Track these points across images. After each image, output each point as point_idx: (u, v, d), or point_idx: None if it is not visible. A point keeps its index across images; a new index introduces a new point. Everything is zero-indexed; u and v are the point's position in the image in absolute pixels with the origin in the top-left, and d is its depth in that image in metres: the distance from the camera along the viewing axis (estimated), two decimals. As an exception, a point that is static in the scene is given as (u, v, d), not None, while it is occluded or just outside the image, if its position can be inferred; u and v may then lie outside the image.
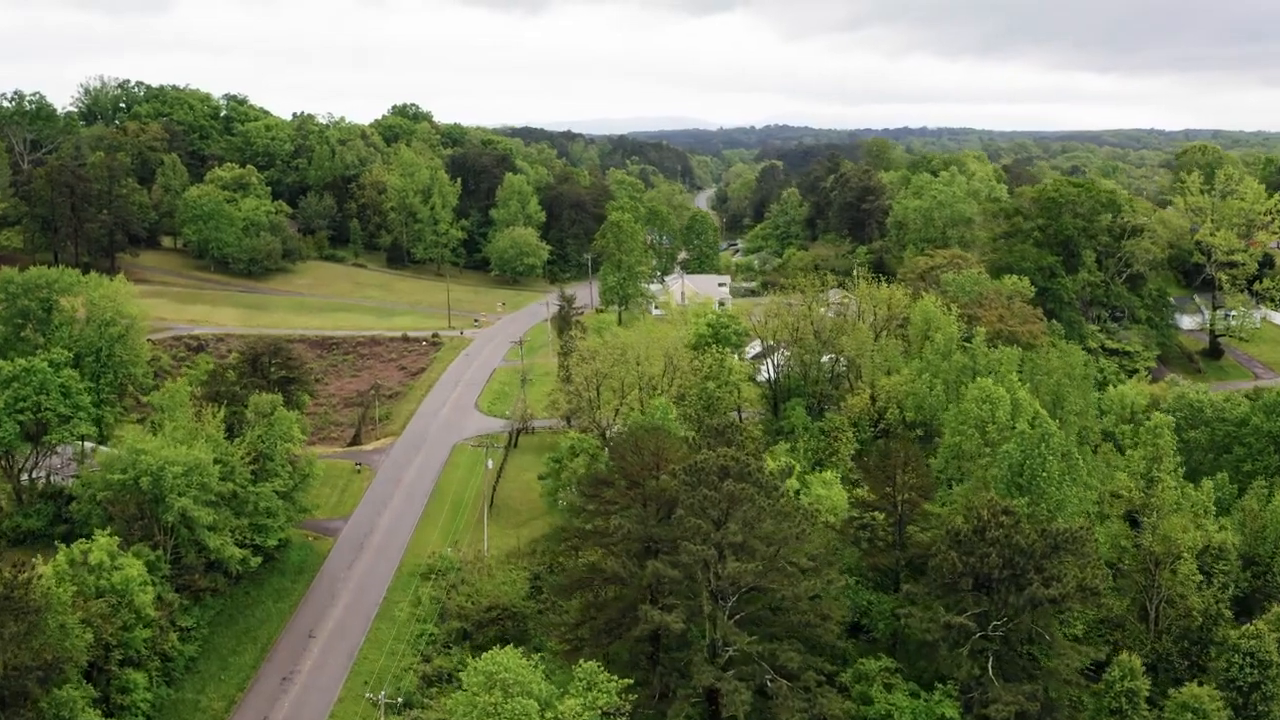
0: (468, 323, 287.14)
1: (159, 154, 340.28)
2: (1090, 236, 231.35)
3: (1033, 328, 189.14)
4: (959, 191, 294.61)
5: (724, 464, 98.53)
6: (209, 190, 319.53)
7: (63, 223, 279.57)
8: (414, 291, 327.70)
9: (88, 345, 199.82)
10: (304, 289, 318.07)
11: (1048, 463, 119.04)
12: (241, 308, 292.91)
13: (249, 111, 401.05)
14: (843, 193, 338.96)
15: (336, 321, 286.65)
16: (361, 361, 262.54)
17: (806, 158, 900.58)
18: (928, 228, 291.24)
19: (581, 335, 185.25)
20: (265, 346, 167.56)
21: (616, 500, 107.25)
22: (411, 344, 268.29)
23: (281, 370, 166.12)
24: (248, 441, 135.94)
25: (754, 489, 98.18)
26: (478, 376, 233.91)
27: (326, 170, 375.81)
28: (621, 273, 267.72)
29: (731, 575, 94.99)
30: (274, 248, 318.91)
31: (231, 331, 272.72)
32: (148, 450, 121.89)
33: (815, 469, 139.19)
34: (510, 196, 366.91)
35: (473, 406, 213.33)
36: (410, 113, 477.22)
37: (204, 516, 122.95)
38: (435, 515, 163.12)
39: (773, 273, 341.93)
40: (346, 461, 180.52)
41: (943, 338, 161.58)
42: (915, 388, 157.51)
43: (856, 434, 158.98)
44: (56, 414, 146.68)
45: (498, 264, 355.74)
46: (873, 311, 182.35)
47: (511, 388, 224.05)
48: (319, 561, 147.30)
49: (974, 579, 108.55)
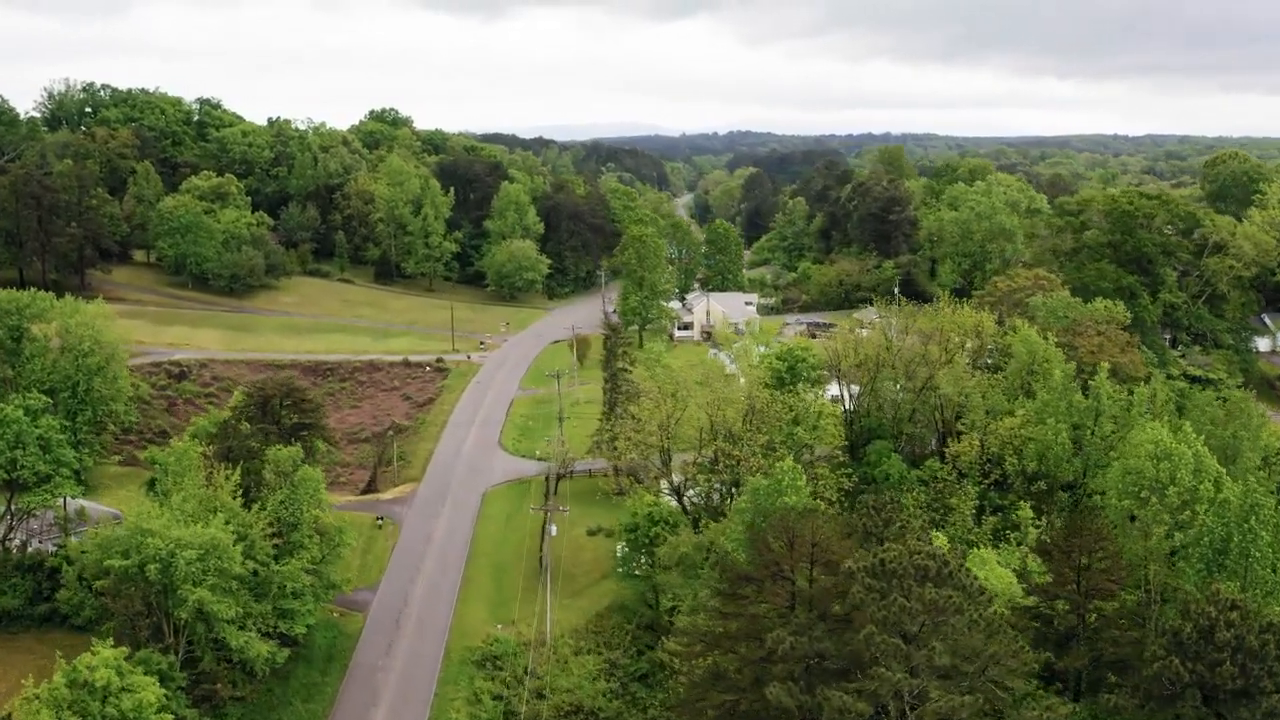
0: (472, 345, 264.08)
1: (130, 162, 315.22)
2: (1168, 254, 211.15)
3: (1133, 357, 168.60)
4: (997, 202, 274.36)
5: (921, 564, 76.52)
6: (185, 201, 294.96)
7: (29, 237, 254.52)
8: (409, 310, 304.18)
9: (63, 379, 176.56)
10: (290, 307, 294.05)
11: (1259, 539, 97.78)
12: (224, 329, 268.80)
13: (224, 116, 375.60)
14: (864, 203, 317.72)
15: (329, 344, 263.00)
16: (361, 390, 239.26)
17: (783, 164, 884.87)
18: (965, 241, 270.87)
19: (629, 367, 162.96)
20: (275, 387, 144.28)
21: (761, 598, 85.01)
22: (414, 370, 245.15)
23: (294, 414, 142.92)
24: (269, 509, 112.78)
25: (960, 596, 76.33)
26: (495, 409, 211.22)
27: (309, 179, 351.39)
28: (644, 292, 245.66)
29: (941, 713, 72.86)
30: (256, 263, 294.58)
31: (215, 356, 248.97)
32: (155, 530, 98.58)
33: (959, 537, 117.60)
34: (507, 207, 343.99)
35: (496, 445, 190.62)
36: (389, 118, 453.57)
37: (225, 609, 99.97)
38: (477, 582, 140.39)
39: (790, 288, 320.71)
40: (365, 514, 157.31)
41: (1061, 375, 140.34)
42: (1037, 434, 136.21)
43: (958, 485, 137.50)
44: (34, 472, 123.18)
45: (494, 279, 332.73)
46: (959, 341, 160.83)
47: (536, 421, 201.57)
48: (350, 645, 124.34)
49: (1201, 691, 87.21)
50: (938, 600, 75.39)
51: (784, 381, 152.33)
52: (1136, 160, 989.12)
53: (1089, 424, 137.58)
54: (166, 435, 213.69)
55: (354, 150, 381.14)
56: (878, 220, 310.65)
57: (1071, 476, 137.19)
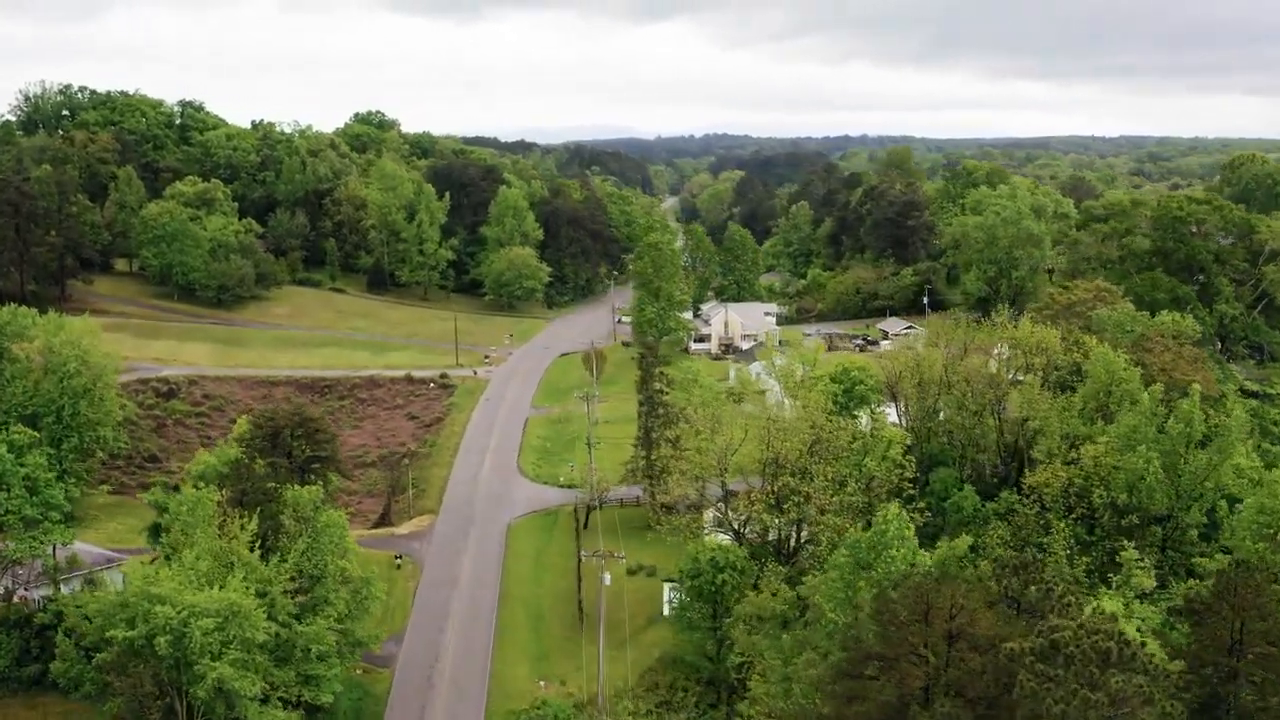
0: (477, 359, 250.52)
1: (110, 167, 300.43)
2: (1221, 261, 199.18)
3: (1205, 375, 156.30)
4: (1023, 207, 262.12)
5: (1100, 645, 63.83)
6: (170, 207, 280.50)
7: (6, 246, 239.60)
8: (406, 321, 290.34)
9: (46, 403, 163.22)
10: (282, 319, 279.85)
11: None
12: (213, 343, 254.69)
13: (207, 119, 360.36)
14: (879, 208, 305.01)
15: (325, 359, 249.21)
16: (362, 408, 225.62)
17: (767, 166, 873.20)
18: (990, 248, 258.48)
19: (666, 389, 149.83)
20: (286, 417, 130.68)
21: (890, 680, 72.12)
22: (418, 387, 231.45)
23: (307, 445, 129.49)
24: (290, 561, 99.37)
25: (1148, 683, 63.73)
26: (509, 430, 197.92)
27: (297, 184, 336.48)
28: (660, 302, 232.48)
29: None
30: (246, 273, 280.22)
31: (205, 372, 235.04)
32: (164, 595, 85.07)
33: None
34: (505, 212, 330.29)
35: (515, 470, 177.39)
36: (375, 120, 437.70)
37: (249, 685, 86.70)
38: (512, 631, 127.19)
39: (802, 296, 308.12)
40: (382, 552, 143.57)
41: (1150, 399, 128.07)
42: (1126, 462, 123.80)
43: (1042, 520, 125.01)
44: (20, 517, 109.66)
45: (493, 288, 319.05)
46: (1026, 359, 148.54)
47: (555, 443, 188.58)
48: (378, 709, 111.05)
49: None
50: (1124, 690, 62.70)
51: (842, 406, 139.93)
52: (1122, 161, 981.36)
53: (1181, 451, 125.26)
54: (157, 460, 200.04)
55: (343, 154, 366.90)
56: (894, 225, 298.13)
57: (1165, 509, 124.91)
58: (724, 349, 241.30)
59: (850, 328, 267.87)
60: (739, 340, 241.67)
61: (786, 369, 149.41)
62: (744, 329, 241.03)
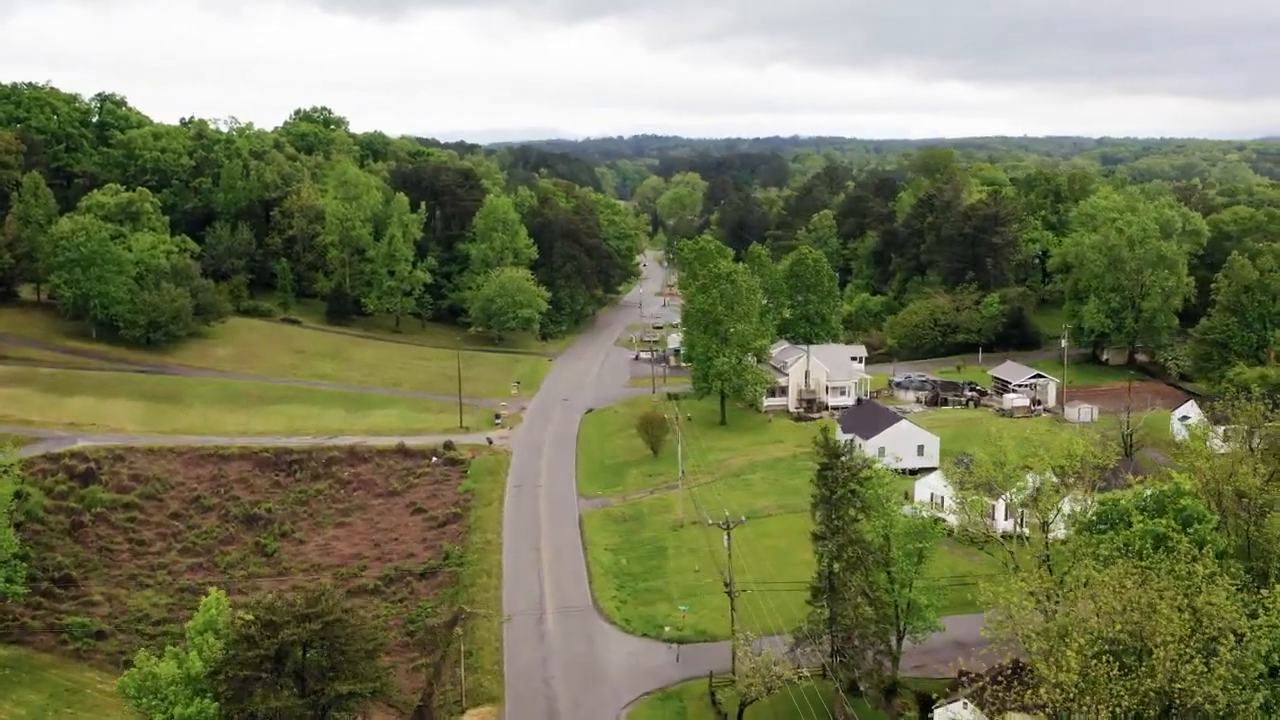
0: (484, 419, 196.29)
1: (13, 172, 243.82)
2: None
3: None
4: (1150, 223, 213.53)
5: None
6: (86, 222, 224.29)
7: None
8: (382, 364, 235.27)
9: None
10: (227, 364, 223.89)
11: None
12: (142, 399, 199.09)
13: (130, 115, 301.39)
14: (950, 222, 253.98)
15: (289, 421, 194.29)
16: (345, 494, 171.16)
17: (720, 169, 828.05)
18: (1113, 272, 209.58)
19: (860, 516, 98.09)
20: (290, 613, 76.18)
21: None
22: (416, 462, 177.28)
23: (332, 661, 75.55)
24: None
25: None
26: (563, 537, 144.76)
27: (239, 192, 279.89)
28: (732, 348, 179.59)
29: None
30: (181, 305, 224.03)
31: (133, 442, 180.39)
32: None
33: None
34: (493, 226, 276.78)
35: (593, 611, 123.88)
36: (321, 118, 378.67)
37: None
38: None
39: (855, 329, 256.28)
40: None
41: None
42: None
43: None
44: None
45: (480, 318, 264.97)
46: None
47: (631, 559, 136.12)
48: None
49: None
50: None
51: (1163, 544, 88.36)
52: (1087, 163, 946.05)
53: None
54: (72, 583, 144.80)
55: (291, 156, 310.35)
56: (969, 242, 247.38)
57: None
58: (805, 405, 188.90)
59: (937, 370, 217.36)
60: (823, 394, 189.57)
61: (1047, 499, 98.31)
62: (830, 379, 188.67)
